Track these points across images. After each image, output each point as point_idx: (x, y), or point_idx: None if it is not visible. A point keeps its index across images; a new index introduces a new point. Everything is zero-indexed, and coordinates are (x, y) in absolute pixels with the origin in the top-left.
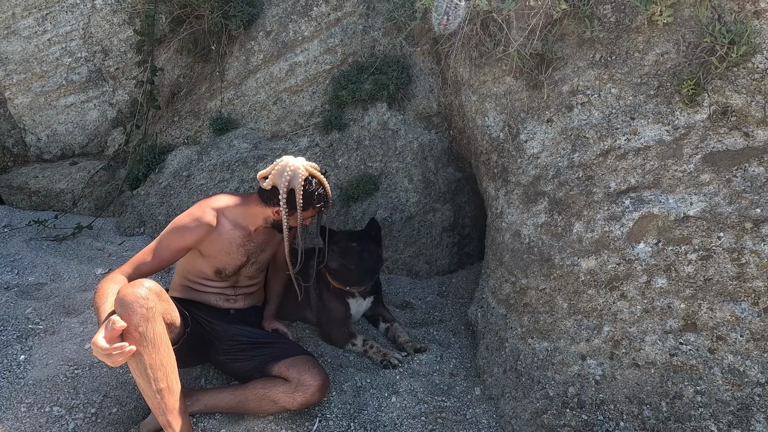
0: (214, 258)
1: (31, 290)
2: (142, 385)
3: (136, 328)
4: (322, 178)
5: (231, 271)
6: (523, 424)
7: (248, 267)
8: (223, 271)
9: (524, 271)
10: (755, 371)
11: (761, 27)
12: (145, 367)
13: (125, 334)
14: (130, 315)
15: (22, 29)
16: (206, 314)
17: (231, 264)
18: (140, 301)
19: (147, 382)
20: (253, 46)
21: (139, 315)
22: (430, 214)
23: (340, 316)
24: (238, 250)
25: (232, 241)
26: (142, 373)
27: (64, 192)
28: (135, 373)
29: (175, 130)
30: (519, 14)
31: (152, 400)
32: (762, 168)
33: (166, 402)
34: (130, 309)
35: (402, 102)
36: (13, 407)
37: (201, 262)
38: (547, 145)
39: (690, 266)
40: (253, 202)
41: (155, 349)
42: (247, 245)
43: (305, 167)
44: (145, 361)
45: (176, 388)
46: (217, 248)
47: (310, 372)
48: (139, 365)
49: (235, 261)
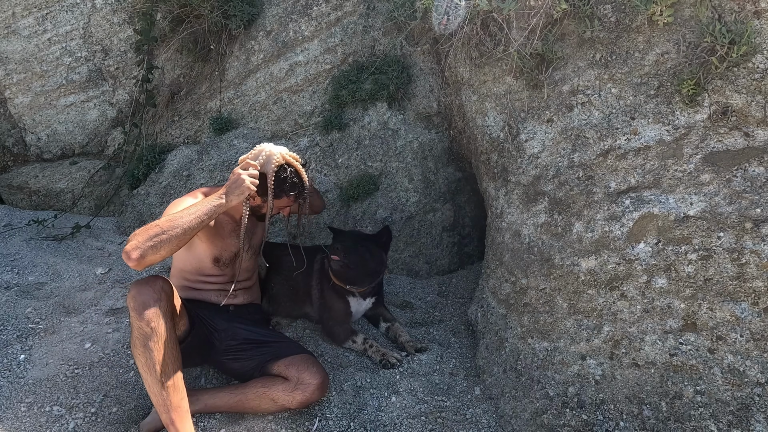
0: (211, 243)
1: (31, 290)
2: (149, 381)
3: (148, 324)
4: (300, 168)
5: (228, 259)
6: (523, 423)
7: (244, 255)
8: (220, 258)
9: (524, 271)
10: (755, 371)
11: (761, 27)
12: (154, 363)
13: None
14: (143, 310)
15: (22, 29)
16: (207, 312)
17: (227, 250)
18: (153, 296)
19: (154, 379)
20: (253, 45)
21: (152, 311)
22: (430, 214)
23: (341, 313)
24: (230, 235)
25: (224, 225)
26: (151, 369)
27: (64, 192)
28: (143, 369)
29: (175, 129)
30: (519, 14)
31: (157, 397)
32: (762, 168)
33: (171, 400)
34: (143, 304)
35: (402, 102)
36: (13, 407)
37: (200, 250)
38: (547, 144)
39: (690, 266)
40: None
41: (164, 346)
42: (237, 230)
43: (282, 154)
44: (155, 357)
45: (181, 386)
46: (214, 231)
47: (310, 371)
48: (149, 361)
49: (231, 247)
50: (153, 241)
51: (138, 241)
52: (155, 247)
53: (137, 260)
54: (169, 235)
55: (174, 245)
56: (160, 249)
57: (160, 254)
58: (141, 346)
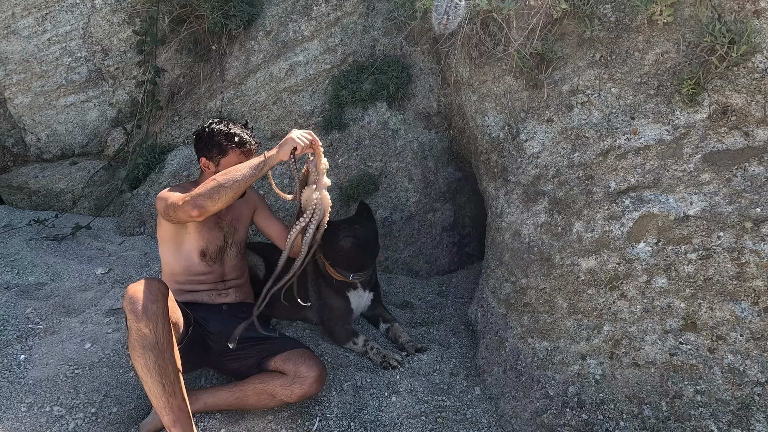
0: (200, 233)
1: (31, 290)
2: (148, 384)
3: (146, 326)
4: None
5: (214, 252)
6: (523, 423)
7: (229, 250)
8: (207, 252)
9: (524, 270)
10: (755, 371)
11: (761, 26)
12: (154, 366)
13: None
14: (140, 311)
15: (21, 29)
16: (200, 313)
17: (213, 243)
18: (150, 297)
19: (154, 381)
20: (253, 45)
21: (150, 313)
22: (430, 214)
23: (341, 312)
24: (214, 228)
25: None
26: (150, 372)
27: (64, 192)
28: (142, 372)
29: (175, 129)
30: (519, 14)
31: (158, 400)
32: (762, 167)
33: (171, 403)
34: (140, 305)
35: (402, 102)
36: (13, 407)
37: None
38: (547, 144)
39: (690, 266)
40: (200, 176)
41: (162, 347)
42: (220, 223)
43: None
44: (154, 359)
45: (181, 388)
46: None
47: (306, 364)
48: (148, 363)
49: (216, 240)
50: (212, 192)
51: (198, 192)
52: (213, 197)
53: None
54: (226, 186)
55: (231, 194)
56: (219, 199)
57: (219, 204)
58: (139, 348)
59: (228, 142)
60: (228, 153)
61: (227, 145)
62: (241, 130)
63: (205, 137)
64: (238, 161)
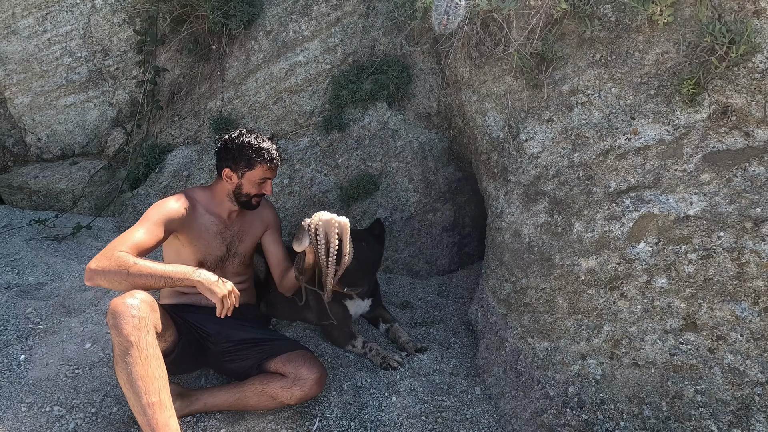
0: (195, 246)
1: (31, 290)
2: (131, 400)
3: (127, 338)
4: (264, 137)
5: (213, 263)
6: (523, 423)
7: (230, 260)
8: (204, 262)
9: (524, 270)
10: (755, 371)
11: (761, 26)
12: (136, 379)
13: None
14: (122, 325)
15: (22, 29)
16: (197, 316)
17: (212, 254)
18: (132, 311)
19: (137, 396)
20: (253, 45)
21: (131, 325)
22: (430, 214)
23: (339, 317)
24: (215, 238)
25: (209, 227)
26: (132, 386)
27: (64, 192)
28: (125, 387)
29: (176, 129)
30: (519, 14)
31: (141, 417)
32: (762, 167)
33: (157, 418)
34: (122, 319)
35: (402, 102)
36: (13, 407)
37: (185, 254)
38: (547, 144)
39: (690, 266)
40: (216, 183)
41: (147, 361)
42: (224, 233)
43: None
44: (137, 372)
45: (168, 403)
46: (197, 233)
47: (307, 365)
48: (130, 377)
49: (215, 251)
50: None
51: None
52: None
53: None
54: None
55: (124, 288)
56: (113, 284)
57: (113, 286)
58: (122, 362)
59: (258, 156)
60: (255, 167)
61: (257, 159)
62: (270, 144)
63: (234, 149)
64: (263, 177)
